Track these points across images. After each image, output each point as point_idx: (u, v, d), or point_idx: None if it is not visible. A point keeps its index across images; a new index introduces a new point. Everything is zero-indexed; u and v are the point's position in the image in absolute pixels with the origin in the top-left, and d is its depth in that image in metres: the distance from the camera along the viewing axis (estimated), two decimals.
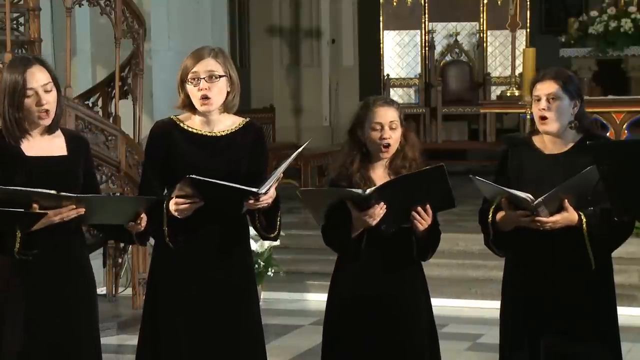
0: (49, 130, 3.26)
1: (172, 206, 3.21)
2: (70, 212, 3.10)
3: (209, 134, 3.35)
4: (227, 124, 3.38)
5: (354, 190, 3.25)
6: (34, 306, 3.21)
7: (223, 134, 3.36)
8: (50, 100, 3.20)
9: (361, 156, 3.40)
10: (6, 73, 3.21)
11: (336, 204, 3.28)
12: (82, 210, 3.10)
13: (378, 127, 3.37)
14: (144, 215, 3.17)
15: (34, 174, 3.18)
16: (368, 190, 3.22)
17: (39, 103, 3.17)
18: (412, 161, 3.40)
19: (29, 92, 3.17)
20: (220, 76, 3.29)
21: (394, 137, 3.37)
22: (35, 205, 3.06)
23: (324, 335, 3.48)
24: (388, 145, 3.36)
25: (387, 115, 3.37)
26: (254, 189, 3.17)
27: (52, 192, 3.07)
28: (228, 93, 3.33)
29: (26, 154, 3.21)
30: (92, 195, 3.23)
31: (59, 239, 3.20)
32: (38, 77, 3.18)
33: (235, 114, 3.42)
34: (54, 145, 3.27)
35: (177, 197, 3.20)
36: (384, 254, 3.37)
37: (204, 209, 3.22)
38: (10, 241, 3.11)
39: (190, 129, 3.35)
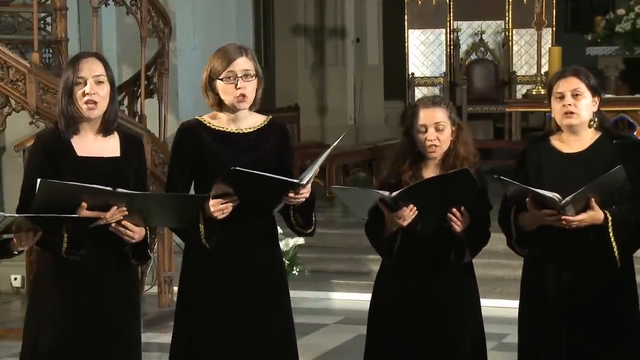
0: (104, 131, 3.26)
1: (211, 207, 3.21)
2: (114, 216, 3.11)
3: (236, 132, 3.35)
4: (252, 121, 3.39)
5: (381, 192, 3.26)
6: (74, 304, 3.23)
7: (249, 131, 3.37)
8: (99, 92, 3.20)
9: (413, 156, 3.42)
10: (64, 69, 3.25)
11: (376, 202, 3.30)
12: (125, 212, 3.11)
13: (423, 129, 3.39)
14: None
15: (84, 174, 3.17)
16: (394, 193, 3.24)
17: (86, 92, 3.18)
18: (464, 159, 3.39)
19: (79, 80, 3.19)
20: (254, 75, 3.31)
21: (441, 138, 3.38)
22: (83, 204, 3.07)
23: (368, 333, 3.49)
24: (434, 147, 3.37)
25: (432, 117, 3.38)
26: (296, 180, 3.18)
27: (108, 188, 3.08)
28: (256, 91, 3.35)
29: (78, 154, 3.22)
30: (147, 192, 3.24)
31: (102, 238, 3.19)
32: (91, 67, 3.20)
33: (258, 112, 3.43)
34: (108, 147, 3.27)
35: (213, 197, 3.20)
36: (427, 253, 3.38)
37: (237, 208, 3.22)
38: (58, 239, 3.13)
39: (216, 128, 3.36)
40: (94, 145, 3.25)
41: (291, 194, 3.21)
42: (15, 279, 6.81)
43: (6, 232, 3.03)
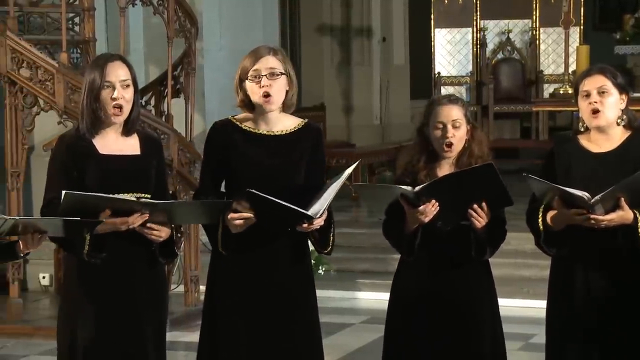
0: (126, 132, 3.29)
1: (227, 220, 3.22)
2: (136, 220, 3.13)
3: (267, 133, 3.34)
4: (286, 124, 3.37)
5: (403, 187, 3.25)
6: (103, 304, 3.24)
7: (282, 133, 3.35)
8: (125, 96, 3.23)
9: (428, 154, 3.41)
10: (87, 70, 3.27)
11: (395, 200, 3.28)
12: (146, 216, 3.12)
13: (440, 126, 3.37)
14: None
15: (107, 172, 3.21)
16: (417, 189, 3.23)
17: (114, 97, 3.20)
18: (478, 158, 3.39)
19: (106, 84, 3.21)
20: (281, 74, 3.29)
21: (457, 136, 3.37)
22: (107, 211, 3.09)
23: (386, 332, 3.49)
24: (450, 144, 3.36)
25: (450, 114, 3.37)
26: (308, 213, 3.17)
27: (133, 198, 3.10)
28: (287, 92, 3.33)
29: (100, 151, 3.24)
30: (170, 201, 3.26)
31: (130, 239, 3.21)
32: (118, 72, 3.22)
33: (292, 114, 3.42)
34: (128, 145, 3.29)
35: (233, 210, 3.21)
36: (446, 251, 3.37)
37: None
38: (79, 242, 3.14)
39: (248, 129, 3.35)
40: (116, 144, 3.27)
41: (304, 225, 3.20)
42: (44, 277, 6.86)
43: (13, 234, 3.04)
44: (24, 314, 6.20)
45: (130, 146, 3.30)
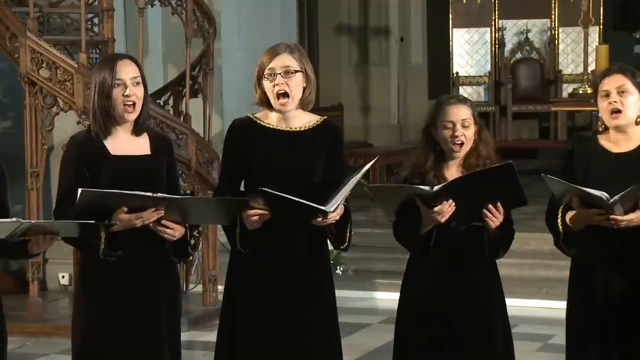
0: (136, 131, 3.30)
1: (244, 217, 3.22)
2: (151, 216, 3.14)
3: (286, 130, 3.34)
4: (304, 120, 3.37)
5: (421, 187, 3.24)
6: (117, 303, 3.25)
7: (300, 130, 3.35)
8: (137, 94, 3.24)
9: (435, 155, 3.40)
10: (96, 70, 3.28)
11: (407, 200, 3.27)
12: (161, 212, 3.13)
13: (449, 125, 3.36)
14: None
15: (119, 172, 3.22)
16: (435, 188, 3.22)
17: (125, 94, 3.21)
18: (485, 159, 3.38)
19: (117, 82, 3.22)
20: (296, 71, 3.28)
21: (466, 135, 3.36)
22: (123, 207, 3.10)
23: (396, 333, 3.48)
24: (460, 144, 3.35)
25: (458, 114, 3.37)
26: (323, 207, 3.16)
27: (148, 194, 3.11)
28: (304, 89, 3.33)
29: (111, 152, 3.25)
30: (186, 197, 3.26)
31: (144, 238, 3.21)
32: (128, 70, 3.23)
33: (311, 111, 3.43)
34: (139, 145, 3.30)
35: (249, 207, 3.20)
36: (456, 252, 3.36)
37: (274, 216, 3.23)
38: (94, 241, 3.15)
39: (267, 126, 3.35)
40: (126, 144, 3.28)
41: (319, 219, 3.19)
42: (63, 277, 6.90)
43: (23, 235, 3.05)
44: (44, 313, 6.23)
45: (141, 146, 3.30)
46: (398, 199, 3.32)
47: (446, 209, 3.23)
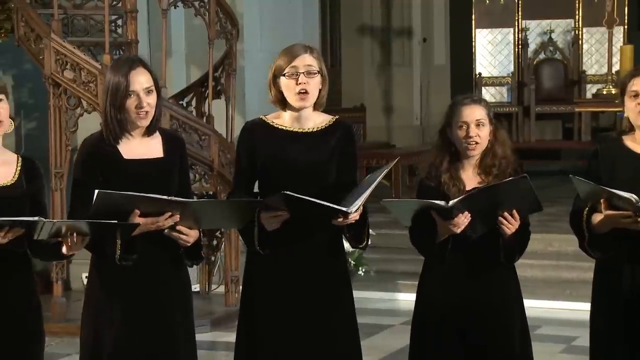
0: (148, 132, 3.30)
1: (262, 219, 3.23)
2: (166, 221, 3.14)
3: (299, 131, 3.35)
4: (317, 121, 3.38)
5: (436, 202, 3.23)
6: (129, 306, 3.26)
7: (313, 130, 3.36)
8: (150, 102, 3.24)
9: (450, 156, 3.39)
10: (110, 73, 3.27)
11: (422, 209, 3.27)
12: (177, 217, 3.14)
13: (464, 125, 3.35)
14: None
15: (131, 176, 3.22)
16: (451, 203, 3.21)
17: (138, 105, 3.22)
18: (502, 159, 3.37)
19: (130, 93, 3.22)
20: (317, 72, 3.31)
21: (481, 135, 3.35)
22: (136, 211, 3.11)
23: (412, 336, 3.48)
24: (474, 144, 3.34)
25: (473, 114, 3.36)
26: (344, 208, 3.16)
27: (163, 197, 3.11)
28: (320, 90, 3.35)
29: (124, 156, 3.26)
30: (201, 200, 3.25)
31: (156, 241, 3.22)
32: (141, 80, 3.23)
33: (324, 112, 3.43)
34: (151, 147, 3.31)
35: (265, 209, 3.21)
36: (471, 257, 3.34)
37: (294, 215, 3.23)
38: (110, 247, 3.16)
39: (280, 127, 3.36)
40: (139, 147, 3.28)
41: (339, 219, 3.19)
42: (87, 277, 6.93)
43: (56, 236, 3.07)
44: (68, 313, 6.27)
45: (153, 148, 3.31)
46: (413, 209, 3.31)
47: (462, 220, 3.22)
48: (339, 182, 3.32)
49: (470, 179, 3.37)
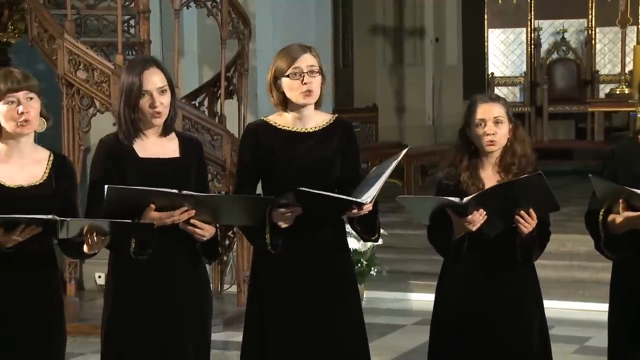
0: (164, 133, 3.31)
1: (274, 217, 3.24)
2: (181, 216, 3.15)
3: (301, 131, 3.37)
4: (318, 120, 3.40)
5: (451, 198, 3.23)
6: (146, 303, 3.27)
7: (314, 130, 3.38)
8: (163, 102, 3.25)
9: (470, 155, 3.38)
10: (124, 74, 3.29)
11: (439, 206, 3.27)
12: (192, 212, 3.15)
13: (482, 123, 3.35)
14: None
15: (147, 175, 3.23)
16: (465, 199, 3.20)
17: (152, 105, 3.23)
18: (521, 157, 3.36)
19: (144, 93, 3.23)
20: (318, 71, 3.33)
21: (499, 133, 3.34)
22: (152, 205, 3.12)
23: (431, 335, 3.48)
24: (492, 141, 3.33)
25: (491, 111, 3.35)
26: (359, 200, 3.18)
27: (174, 190, 3.12)
28: (320, 87, 3.37)
29: (139, 155, 3.27)
30: (212, 194, 3.27)
31: (172, 236, 3.23)
32: (154, 80, 3.24)
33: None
34: (168, 148, 3.31)
35: (278, 206, 3.23)
36: (487, 256, 3.34)
37: (304, 212, 3.25)
38: (125, 242, 3.17)
39: (281, 127, 3.38)
40: (155, 147, 3.29)
41: (354, 210, 3.21)
42: (100, 276, 6.95)
43: (79, 236, 3.08)
44: (81, 313, 6.29)
45: (170, 149, 3.31)
46: (430, 207, 3.32)
47: (477, 218, 3.22)
48: (343, 179, 3.35)
49: (490, 177, 3.36)
